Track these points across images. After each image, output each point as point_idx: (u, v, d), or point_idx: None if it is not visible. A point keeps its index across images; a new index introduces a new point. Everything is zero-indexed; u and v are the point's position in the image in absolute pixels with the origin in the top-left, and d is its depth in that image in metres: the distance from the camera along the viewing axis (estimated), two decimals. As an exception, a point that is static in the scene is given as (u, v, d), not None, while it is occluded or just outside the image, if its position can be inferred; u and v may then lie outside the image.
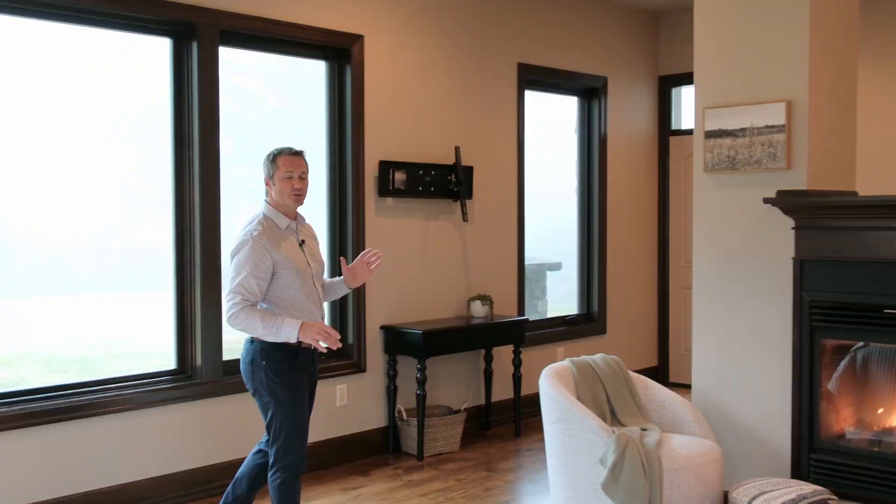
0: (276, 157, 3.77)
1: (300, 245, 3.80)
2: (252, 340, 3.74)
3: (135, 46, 4.91)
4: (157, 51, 4.93)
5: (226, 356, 5.05)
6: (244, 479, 3.99)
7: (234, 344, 5.21)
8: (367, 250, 4.02)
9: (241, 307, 3.60)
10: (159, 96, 4.95)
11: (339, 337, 3.62)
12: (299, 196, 3.77)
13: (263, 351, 3.69)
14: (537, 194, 7.07)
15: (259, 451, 3.97)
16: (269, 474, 3.76)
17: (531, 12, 6.78)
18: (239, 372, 5.06)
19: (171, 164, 4.93)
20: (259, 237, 3.66)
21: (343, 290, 4.07)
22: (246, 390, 5.01)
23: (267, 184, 3.80)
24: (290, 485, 3.73)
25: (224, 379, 4.99)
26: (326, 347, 3.65)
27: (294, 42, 5.36)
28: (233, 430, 5.05)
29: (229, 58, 5.18)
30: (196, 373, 4.93)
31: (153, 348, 5.09)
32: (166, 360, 4.96)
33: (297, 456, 3.73)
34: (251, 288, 3.62)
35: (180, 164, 4.93)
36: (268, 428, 3.76)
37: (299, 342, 3.63)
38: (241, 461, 5.04)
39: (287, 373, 3.70)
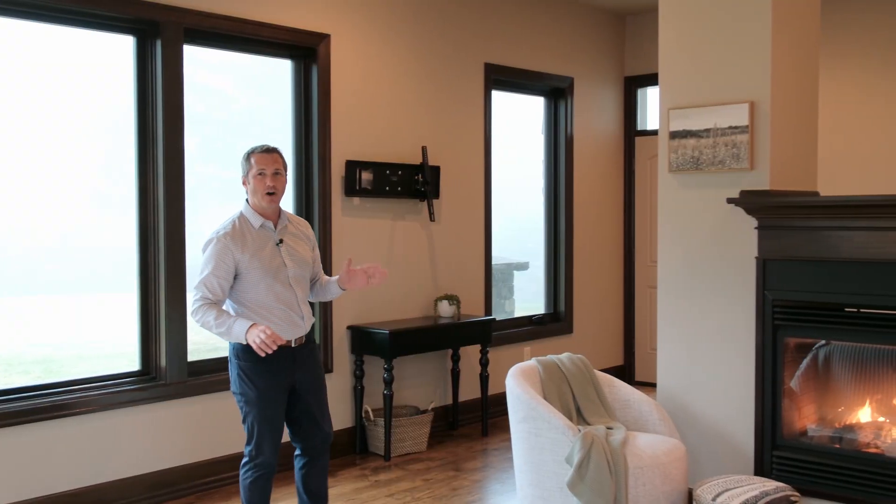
0: (249, 156, 3.75)
1: (277, 245, 3.76)
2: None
3: (98, 44, 4.85)
4: (120, 49, 4.89)
5: (191, 357, 5.02)
6: (300, 489, 3.98)
7: (199, 345, 5.17)
8: (376, 266, 3.93)
9: (200, 304, 3.62)
10: (123, 95, 4.90)
11: (279, 342, 3.52)
12: (273, 194, 3.72)
13: (236, 350, 3.71)
14: (504, 194, 7.09)
15: (296, 456, 3.97)
16: (241, 472, 3.76)
17: (498, 13, 6.79)
18: (204, 373, 5.09)
19: (136, 163, 4.89)
20: (224, 237, 3.65)
21: (335, 291, 3.98)
22: (210, 391, 5.03)
23: (243, 183, 3.79)
24: (259, 485, 3.72)
25: (189, 380, 4.95)
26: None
27: (260, 41, 5.33)
28: (199, 431, 5.01)
29: (195, 56, 5.14)
30: (161, 374, 4.88)
31: (118, 349, 5.04)
32: (131, 361, 4.92)
33: (268, 457, 3.72)
34: (212, 287, 3.63)
35: (144, 164, 4.88)
36: (243, 425, 3.76)
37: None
38: (207, 462, 5.02)
39: (257, 373, 3.68)
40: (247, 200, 3.79)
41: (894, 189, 6.39)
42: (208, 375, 5.07)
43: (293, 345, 3.74)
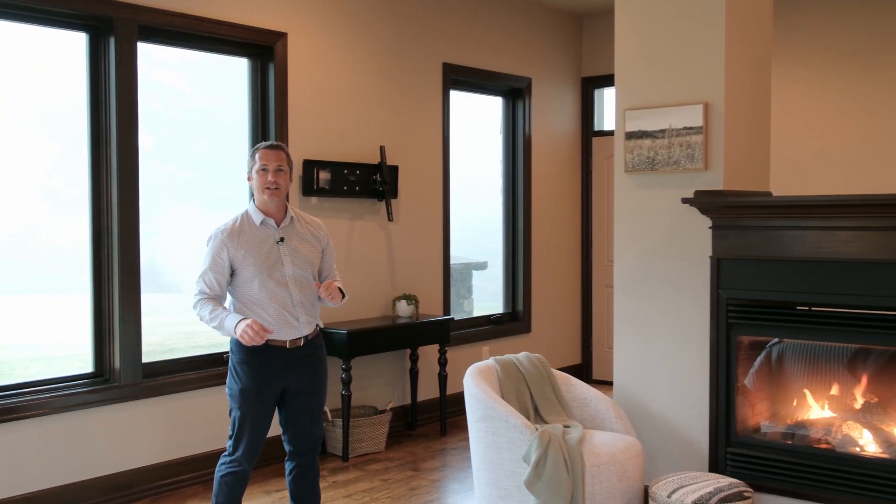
0: (254, 152, 3.78)
1: (277, 243, 3.74)
2: None
3: (49, 41, 4.78)
4: (73, 46, 4.81)
5: (146, 358, 4.96)
6: (290, 496, 3.96)
7: (154, 346, 5.12)
8: (327, 285, 3.82)
9: (198, 298, 3.70)
10: (76, 93, 4.83)
11: (266, 335, 3.57)
12: (275, 190, 3.72)
13: (231, 344, 3.77)
14: (463, 194, 7.10)
15: (286, 460, 3.95)
16: (217, 464, 3.77)
17: (456, 13, 6.80)
18: (159, 374, 5.03)
19: (88, 162, 4.81)
20: (221, 233, 3.70)
21: (329, 302, 3.91)
22: (165, 393, 4.98)
23: (248, 179, 3.81)
24: (228, 480, 3.71)
25: (143, 382, 4.89)
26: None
27: (216, 39, 5.29)
28: (153, 433, 4.95)
29: (151, 54, 5.08)
30: (114, 376, 4.82)
31: (70, 351, 4.97)
32: (84, 362, 4.85)
33: (242, 455, 3.71)
34: (209, 282, 3.69)
35: (97, 163, 4.82)
36: (229, 418, 3.79)
37: (266, 341, 3.65)
38: (162, 465, 4.96)
39: (244, 369, 3.69)
40: (252, 199, 3.81)
41: (846, 189, 6.51)
42: (163, 377, 5.02)
43: (287, 346, 3.72)
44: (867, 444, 4.26)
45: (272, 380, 3.72)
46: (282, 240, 3.75)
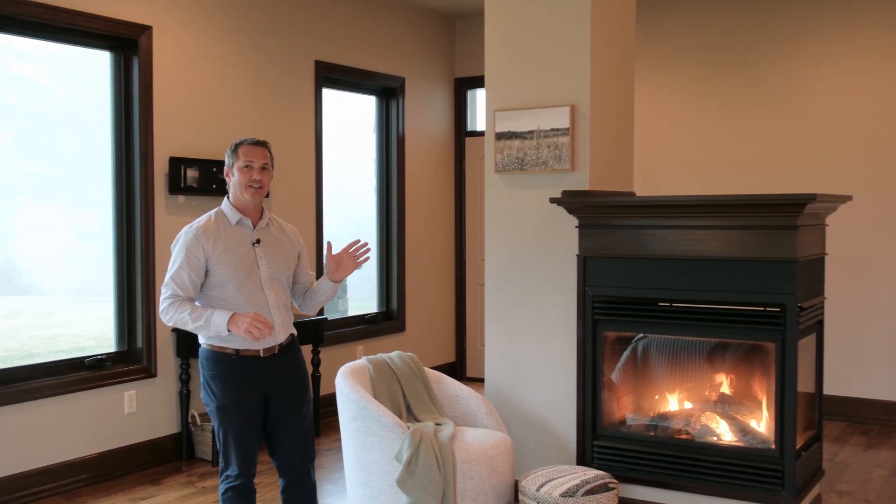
0: (237, 147, 3.57)
1: (253, 244, 3.56)
2: (200, 346, 3.57)
3: None
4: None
5: (0, 364, 4.72)
6: None
7: (11, 351, 4.90)
8: (355, 241, 3.70)
9: (170, 302, 3.44)
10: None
11: (271, 327, 3.41)
12: (259, 189, 3.53)
13: (201, 358, 3.55)
14: (337, 193, 7.05)
15: (279, 476, 3.81)
16: (220, 482, 3.61)
17: (327, 10, 6.75)
18: (15, 381, 4.80)
19: (-64, 158, 4.56)
20: (196, 230, 3.49)
21: (328, 287, 3.74)
22: (22, 400, 4.76)
23: (227, 175, 3.61)
24: (231, 497, 3.55)
25: (-1, 389, 4.67)
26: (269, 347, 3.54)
27: (76, 31, 5.08)
28: (8, 443, 4.72)
29: (7, 45, 4.85)
30: (-34, 383, 4.58)
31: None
32: (-68, 370, 4.60)
33: (236, 470, 3.53)
34: (181, 282, 3.45)
35: (-53, 159, 4.57)
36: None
37: (236, 350, 3.48)
38: (17, 476, 4.75)
39: (218, 384, 3.50)
40: (227, 197, 3.62)
41: (706, 189, 6.79)
42: (20, 384, 4.79)
43: (262, 354, 3.54)
44: (724, 433, 4.46)
45: (250, 391, 3.53)
46: (258, 241, 3.58)
